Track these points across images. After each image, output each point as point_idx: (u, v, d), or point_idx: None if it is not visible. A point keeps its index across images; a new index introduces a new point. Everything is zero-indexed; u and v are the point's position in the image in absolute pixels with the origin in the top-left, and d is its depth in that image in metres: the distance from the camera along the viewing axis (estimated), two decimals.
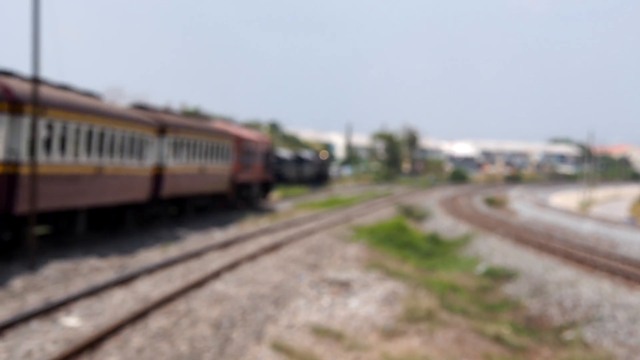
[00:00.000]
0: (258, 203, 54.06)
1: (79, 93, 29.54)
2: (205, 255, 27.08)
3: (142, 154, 32.82)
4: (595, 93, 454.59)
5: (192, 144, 38.92)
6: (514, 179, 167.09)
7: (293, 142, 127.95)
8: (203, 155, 40.83)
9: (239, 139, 48.90)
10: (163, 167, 35.57)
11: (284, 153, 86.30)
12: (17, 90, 23.27)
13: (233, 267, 24.65)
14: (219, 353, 15.14)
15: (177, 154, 37.06)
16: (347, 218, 47.43)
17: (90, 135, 27.77)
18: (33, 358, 13.81)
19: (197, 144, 39.69)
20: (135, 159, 32.11)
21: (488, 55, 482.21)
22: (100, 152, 28.65)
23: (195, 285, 20.87)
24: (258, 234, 34.59)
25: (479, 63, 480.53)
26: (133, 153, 31.80)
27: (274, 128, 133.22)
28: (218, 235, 33.53)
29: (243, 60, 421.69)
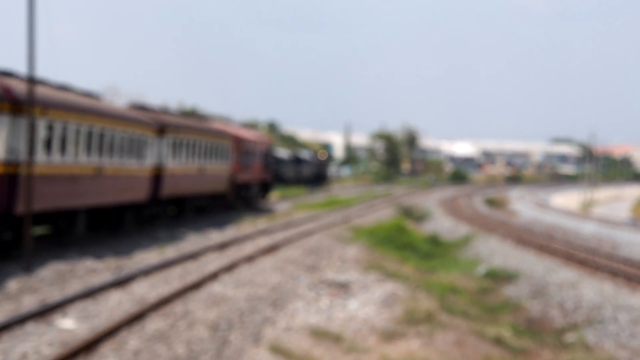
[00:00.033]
0: (257, 203, 54.15)
1: (79, 93, 29.72)
2: (203, 257, 27.08)
3: (141, 155, 33.00)
4: (597, 92, 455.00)
5: (191, 144, 39.09)
6: (515, 180, 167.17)
7: (291, 142, 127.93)
8: (202, 156, 40.99)
9: (238, 139, 49.01)
10: (162, 167, 35.74)
11: (282, 153, 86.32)
12: (17, 91, 23.32)
13: (231, 268, 24.65)
14: (217, 355, 15.14)
15: (176, 154, 37.23)
16: (346, 219, 47.42)
17: (90, 136, 27.95)
18: None
19: (196, 144, 39.85)
20: (135, 159, 32.28)
21: (488, 54, 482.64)
22: (100, 152, 28.82)
23: (193, 287, 20.87)
24: (256, 235, 34.60)
25: (479, 62, 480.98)
26: (133, 153, 31.98)
27: (272, 128, 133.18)
28: (216, 236, 33.53)
29: (241, 59, 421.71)
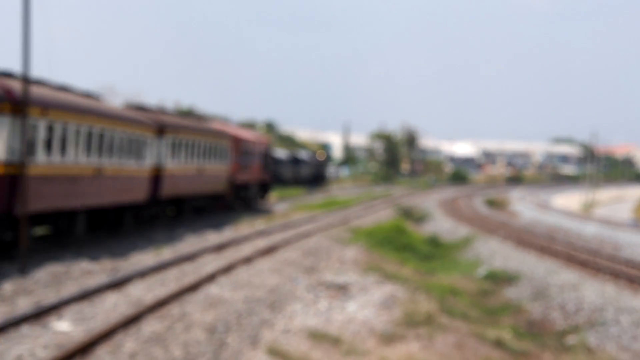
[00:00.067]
0: (256, 204, 54.35)
1: (79, 94, 30.09)
2: (200, 258, 27.09)
3: (141, 155, 33.32)
4: (598, 91, 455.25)
5: (190, 145, 39.41)
6: (516, 180, 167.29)
7: (289, 142, 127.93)
8: (201, 156, 41.32)
9: (237, 140, 49.24)
10: (162, 167, 36.07)
11: (280, 153, 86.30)
12: (18, 92, 23.62)
13: (228, 270, 24.65)
14: (214, 358, 15.14)
15: (175, 155, 37.56)
16: (344, 220, 47.43)
17: (90, 136, 28.30)
18: None
19: (195, 145, 40.17)
20: (134, 160, 32.61)
21: (489, 54, 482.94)
22: (100, 153, 29.16)
23: (190, 289, 20.86)
24: (254, 236, 34.60)
25: (480, 61, 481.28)
26: (132, 154, 32.32)
27: (270, 128, 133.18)
28: (213, 237, 33.53)
29: (238, 58, 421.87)
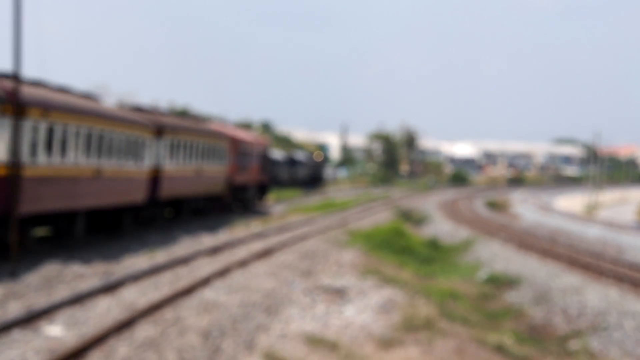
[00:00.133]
0: (254, 205, 54.62)
1: (78, 95, 30.70)
2: (194, 261, 27.11)
3: (139, 156, 33.91)
4: (601, 91, 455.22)
5: (188, 146, 40.04)
6: (517, 181, 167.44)
7: (286, 142, 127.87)
8: (199, 157, 41.95)
9: (235, 141, 49.63)
10: (160, 169, 36.65)
11: (277, 154, 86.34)
12: (20, 93, 24.11)
13: (223, 273, 24.68)
14: None
15: (174, 156, 38.17)
16: (342, 222, 47.48)
17: (90, 138, 28.89)
18: None
19: (193, 146, 40.80)
20: (133, 161, 33.20)
21: (489, 52, 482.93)
22: (99, 154, 29.76)
23: (184, 293, 20.89)
24: (249, 239, 34.63)
25: (480, 60, 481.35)
26: (131, 155, 32.91)
27: (266, 128, 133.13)
28: (208, 240, 33.57)
29: (233, 57, 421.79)
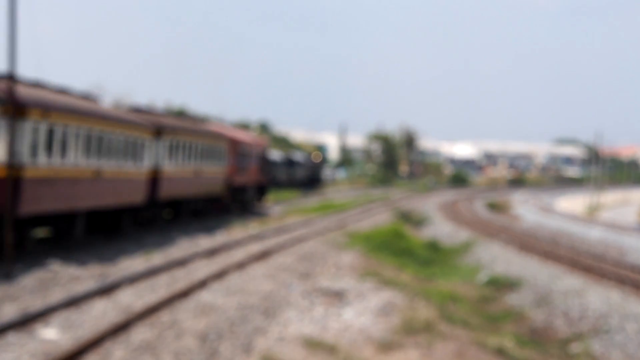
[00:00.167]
0: (253, 207, 54.74)
1: (77, 96, 31.01)
2: (191, 263, 27.10)
3: (139, 157, 34.20)
4: (603, 91, 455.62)
5: (187, 147, 40.37)
6: (518, 182, 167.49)
7: (284, 143, 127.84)
8: (198, 158, 42.29)
9: (234, 142, 49.84)
10: (159, 170, 36.89)
11: (275, 155, 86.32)
12: (20, 94, 24.62)
13: (220, 275, 24.67)
14: None
15: (173, 157, 38.48)
16: (341, 224, 47.47)
17: (90, 139, 29.21)
18: None
19: (192, 147, 41.14)
20: (132, 162, 33.49)
21: (490, 52, 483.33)
22: (99, 155, 30.08)
23: (181, 295, 20.88)
24: (247, 241, 34.63)
25: (481, 59, 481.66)
26: (130, 156, 33.23)
27: (264, 128, 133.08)
28: (205, 242, 33.56)
29: (231, 57, 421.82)
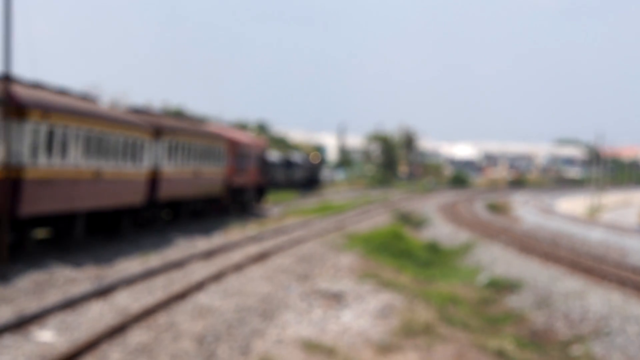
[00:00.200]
0: (252, 208, 54.85)
1: (77, 97, 31.25)
2: (188, 265, 27.10)
3: (138, 158, 34.42)
4: (604, 91, 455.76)
5: (187, 148, 40.64)
6: (518, 184, 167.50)
7: (282, 144, 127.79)
8: (198, 159, 42.53)
9: (233, 143, 50.03)
10: (159, 170, 37.10)
11: (273, 155, 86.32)
12: (21, 95, 25.02)
13: (218, 277, 24.67)
14: None
15: (172, 158, 38.72)
16: (339, 225, 47.48)
17: (89, 139, 29.47)
18: None
19: (191, 148, 41.41)
20: (132, 163, 33.72)
21: (490, 51, 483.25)
22: (99, 156, 30.34)
23: (178, 297, 20.87)
24: (245, 242, 34.63)
25: (481, 59, 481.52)
26: (130, 157, 33.47)
27: (262, 129, 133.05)
28: (203, 244, 33.57)
29: (228, 56, 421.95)
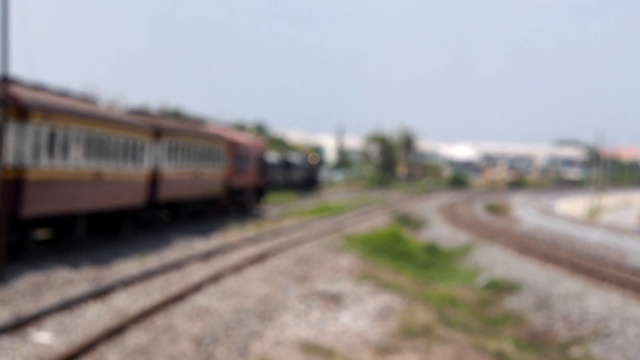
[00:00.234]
0: (252, 209, 54.95)
1: (77, 98, 31.43)
2: (186, 267, 27.13)
3: (138, 159, 34.59)
4: (604, 91, 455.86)
5: (186, 149, 40.77)
6: (517, 185, 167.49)
7: (280, 144, 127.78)
8: (197, 160, 42.65)
9: (233, 144, 50.14)
10: (159, 171, 37.22)
11: (271, 157, 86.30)
12: (23, 97, 25.30)
13: (216, 279, 24.70)
14: None
15: (172, 159, 38.85)
16: (338, 226, 47.51)
17: (90, 141, 29.70)
18: None
19: (191, 149, 41.54)
20: (132, 164, 33.88)
21: (490, 51, 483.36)
22: (99, 157, 30.55)
23: (176, 299, 20.91)
24: (243, 243, 34.66)
25: (480, 59, 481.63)
26: (130, 158, 33.66)
27: (260, 130, 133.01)
28: (201, 245, 33.59)
29: (227, 56, 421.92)
